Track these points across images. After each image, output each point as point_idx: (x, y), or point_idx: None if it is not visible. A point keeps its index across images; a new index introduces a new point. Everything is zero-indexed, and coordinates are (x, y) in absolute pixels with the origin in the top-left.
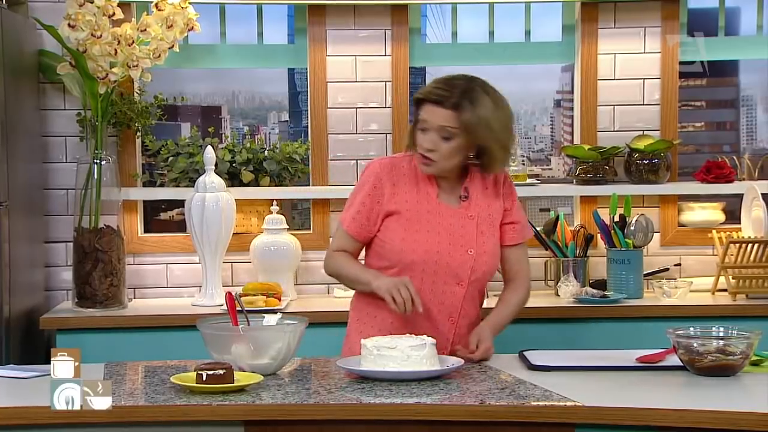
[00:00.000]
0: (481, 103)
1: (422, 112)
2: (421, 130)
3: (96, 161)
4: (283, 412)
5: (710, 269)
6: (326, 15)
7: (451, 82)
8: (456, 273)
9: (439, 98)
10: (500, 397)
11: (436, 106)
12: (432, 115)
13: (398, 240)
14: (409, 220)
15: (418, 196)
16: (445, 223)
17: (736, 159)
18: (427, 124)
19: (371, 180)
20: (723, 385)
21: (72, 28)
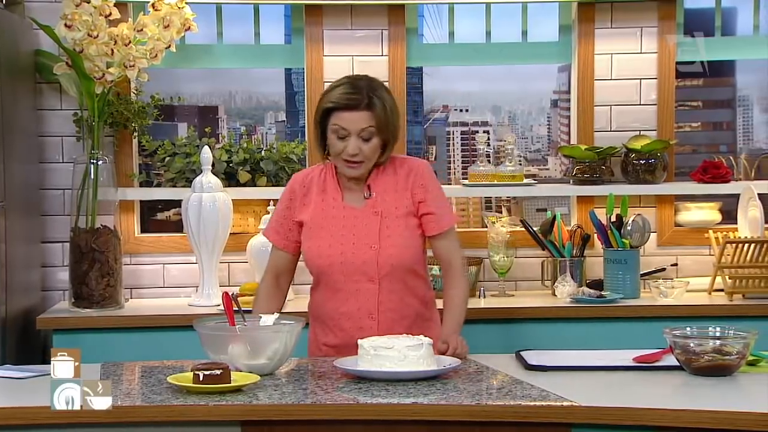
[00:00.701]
0: (384, 96)
1: (337, 120)
2: (340, 138)
3: (93, 161)
4: (280, 412)
5: (707, 269)
6: (323, 15)
7: (356, 84)
8: (364, 270)
9: (353, 102)
10: (497, 397)
11: (351, 111)
12: (349, 121)
13: (307, 248)
14: (315, 227)
15: (324, 203)
16: (350, 224)
17: (732, 159)
18: (346, 131)
19: (286, 193)
20: (720, 385)
21: (69, 28)
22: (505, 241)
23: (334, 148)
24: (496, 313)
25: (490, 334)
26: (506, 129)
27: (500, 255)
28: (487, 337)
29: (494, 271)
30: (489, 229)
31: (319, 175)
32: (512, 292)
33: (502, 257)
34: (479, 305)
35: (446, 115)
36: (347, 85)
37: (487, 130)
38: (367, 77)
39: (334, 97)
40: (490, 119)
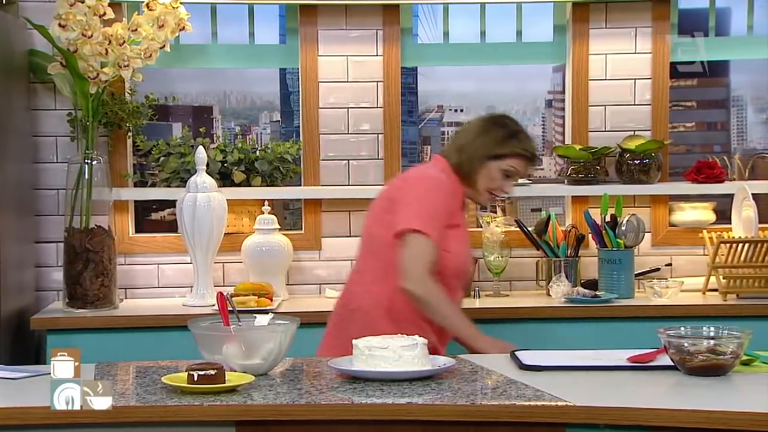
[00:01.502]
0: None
1: (516, 164)
2: (506, 176)
3: (87, 161)
4: (274, 412)
5: (701, 269)
6: (318, 15)
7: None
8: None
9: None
10: (492, 396)
11: (530, 161)
12: (525, 169)
13: (457, 254)
14: (464, 236)
15: (462, 212)
16: (468, 238)
17: (726, 159)
18: (518, 175)
19: (447, 189)
20: (714, 384)
21: (63, 28)
22: (500, 241)
23: (496, 181)
24: (490, 312)
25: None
26: None
27: (495, 255)
28: None
29: (489, 271)
30: (484, 229)
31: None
32: (507, 292)
33: (496, 257)
34: (474, 305)
35: (441, 115)
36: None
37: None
38: None
39: (524, 146)
40: None
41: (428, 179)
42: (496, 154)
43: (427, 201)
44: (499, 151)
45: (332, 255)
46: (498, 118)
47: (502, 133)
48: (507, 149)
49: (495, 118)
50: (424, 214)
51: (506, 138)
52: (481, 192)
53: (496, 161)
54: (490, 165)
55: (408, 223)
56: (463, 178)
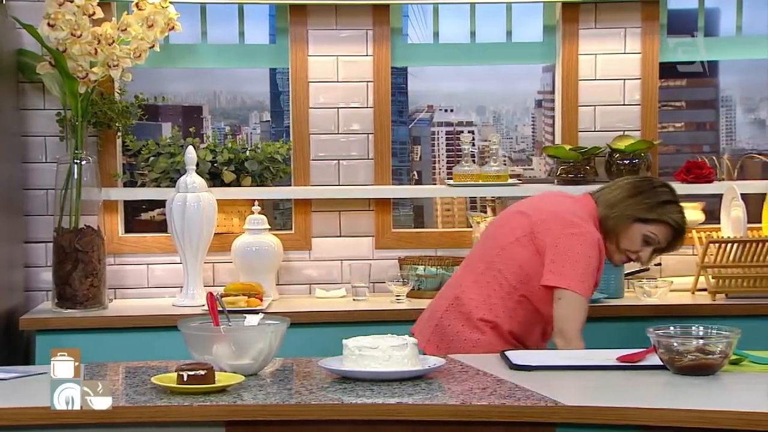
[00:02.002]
0: None
1: (659, 233)
2: (645, 243)
3: (76, 161)
4: (264, 412)
5: (690, 269)
6: (308, 15)
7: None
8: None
9: (682, 229)
10: (482, 396)
11: (675, 232)
12: (665, 238)
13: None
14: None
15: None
16: None
17: (715, 159)
18: (656, 243)
19: (597, 253)
20: (703, 384)
21: (51, 28)
22: None
23: (635, 245)
24: None
25: None
26: (491, 129)
27: None
28: None
29: None
30: (474, 229)
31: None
32: None
33: None
34: None
35: (431, 115)
36: (679, 207)
37: (472, 130)
38: None
39: (675, 216)
40: (474, 119)
41: (592, 238)
42: (643, 218)
43: (589, 263)
44: (647, 216)
45: (322, 255)
46: (658, 182)
47: (655, 200)
48: (655, 215)
49: (654, 182)
50: (586, 275)
51: (658, 205)
52: (619, 251)
53: (641, 224)
54: (635, 227)
55: (570, 283)
56: (605, 232)
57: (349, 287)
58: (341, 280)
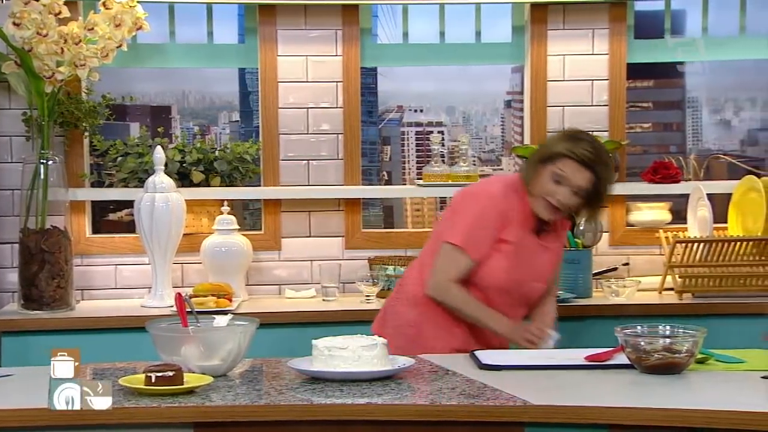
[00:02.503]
0: (610, 173)
1: (564, 167)
2: (556, 181)
3: (42, 161)
4: (233, 413)
5: (657, 269)
6: (277, 15)
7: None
8: (528, 301)
9: (587, 160)
10: (451, 396)
11: (580, 165)
12: (573, 174)
13: (501, 269)
14: (514, 253)
15: (521, 230)
16: (534, 256)
17: (682, 160)
18: (566, 180)
19: (493, 206)
20: (669, 382)
21: (17, 27)
22: None
23: (546, 188)
24: None
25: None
26: (460, 129)
27: None
28: None
29: None
30: None
31: (515, 196)
32: None
33: None
34: None
35: (401, 115)
36: (586, 142)
37: (442, 130)
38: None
39: (571, 147)
40: (444, 119)
41: (483, 197)
42: (547, 157)
43: (476, 217)
44: (551, 153)
45: (292, 255)
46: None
47: (559, 138)
48: (556, 149)
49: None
50: (469, 228)
51: (561, 141)
52: (537, 199)
53: (548, 165)
54: (543, 170)
55: (451, 236)
56: (527, 188)
57: (319, 287)
58: (311, 281)
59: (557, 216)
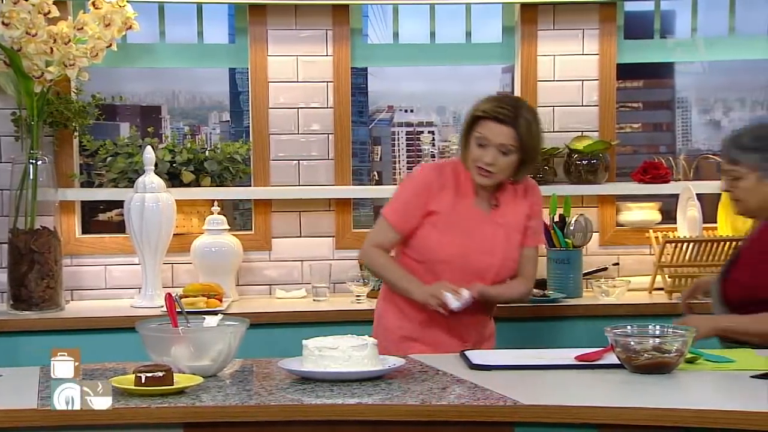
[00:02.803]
0: (531, 119)
1: (482, 129)
2: (480, 145)
3: (32, 161)
4: (223, 414)
5: (647, 268)
6: (267, 15)
7: (507, 101)
8: (481, 275)
9: (501, 116)
10: (441, 396)
11: (497, 123)
12: (493, 133)
13: (433, 240)
14: (446, 223)
15: (456, 201)
16: (477, 228)
17: (672, 160)
18: (487, 141)
19: (420, 179)
20: (659, 382)
21: (6, 26)
22: None
23: (473, 154)
24: None
25: None
26: (451, 129)
27: None
28: None
29: None
30: None
31: (452, 171)
32: None
33: None
34: None
35: (391, 115)
36: (499, 101)
37: (432, 130)
38: (519, 99)
39: (484, 107)
40: (434, 120)
41: (415, 173)
42: (468, 123)
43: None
44: (469, 119)
45: (282, 255)
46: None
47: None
48: (473, 114)
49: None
50: (397, 200)
51: (477, 104)
52: (471, 168)
53: (472, 132)
54: (470, 138)
55: (383, 210)
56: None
57: (310, 288)
58: (301, 281)
59: (493, 179)
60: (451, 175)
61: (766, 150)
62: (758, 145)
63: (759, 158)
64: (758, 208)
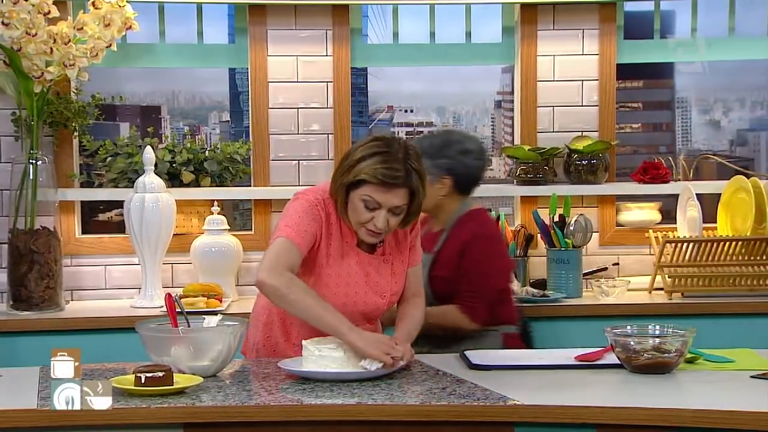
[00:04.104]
0: (420, 167)
1: (371, 193)
2: (369, 209)
3: (31, 161)
4: (223, 414)
5: (647, 268)
6: (267, 15)
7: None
8: (369, 316)
9: (392, 181)
10: (441, 396)
11: (390, 188)
12: (384, 198)
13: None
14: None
15: (341, 243)
16: (363, 271)
17: (671, 160)
18: (378, 205)
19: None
20: (659, 382)
21: (6, 26)
22: None
23: (360, 216)
24: None
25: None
26: None
27: None
28: None
29: None
30: None
31: (333, 209)
32: None
33: None
34: None
35: (391, 115)
36: (386, 158)
37: (432, 130)
38: (403, 149)
39: (373, 171)
40: (434, 119)
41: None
42: (352, 181)
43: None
44: (353, 177)
45: None
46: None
47: (361, 150)
48: (358, 175)
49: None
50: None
51: (361, 157)
52: (354, 226)
53: (356, 190)
54: (354, 195)
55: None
56: (339, 210)
57: None
58: None
59: (380, 238)
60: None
61: (434, 157)
62: (430, 152)
63: (429, 164)
64: (433, 207)
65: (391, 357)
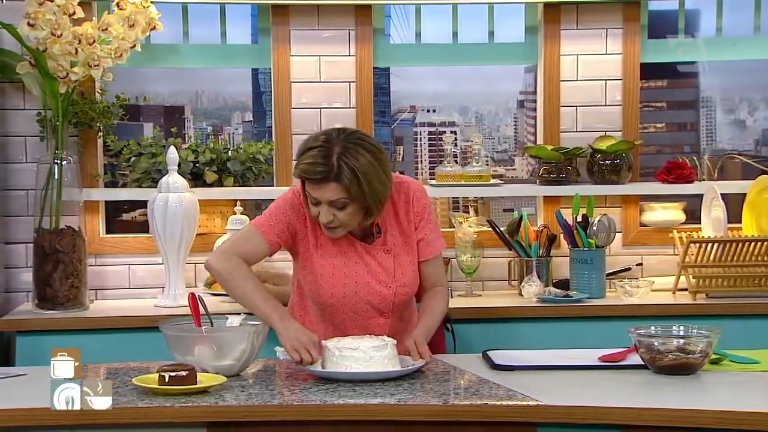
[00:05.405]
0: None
1: (308, 188)
2: (313, 204)
3: (57, 161)
4: (246, 413)
5: (671, 269)
6: (290, 15)
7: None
8: (378, 308)
9: (319, 176)
10: (464, 396)
11: (318, 184)
12: (318, 193)
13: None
14: (328, 260)
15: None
16: (363, 260)
17: (696, 159)
18: (317, 200)
19: (296, 195)
20: (683, 383)
21: (32, 27)
22: (472, 241)
23: (312, 211)
24: (463, 313)
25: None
26: (473, 129)
27: (467, 255)
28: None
29: (461, 271)
30: (456, 229)
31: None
32: (479, 292)
33: (469, 257)
34: None
35: (413, 115)
36: (317, 152)
37: (455, 130)
38: (345, 135)
39: (302, 165)
40: (457, 119)
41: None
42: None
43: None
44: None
45: None
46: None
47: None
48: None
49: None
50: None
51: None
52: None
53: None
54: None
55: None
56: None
57: None
58: None
59: (342, 231)
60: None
61: None
62: None
63: None
64: None
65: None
